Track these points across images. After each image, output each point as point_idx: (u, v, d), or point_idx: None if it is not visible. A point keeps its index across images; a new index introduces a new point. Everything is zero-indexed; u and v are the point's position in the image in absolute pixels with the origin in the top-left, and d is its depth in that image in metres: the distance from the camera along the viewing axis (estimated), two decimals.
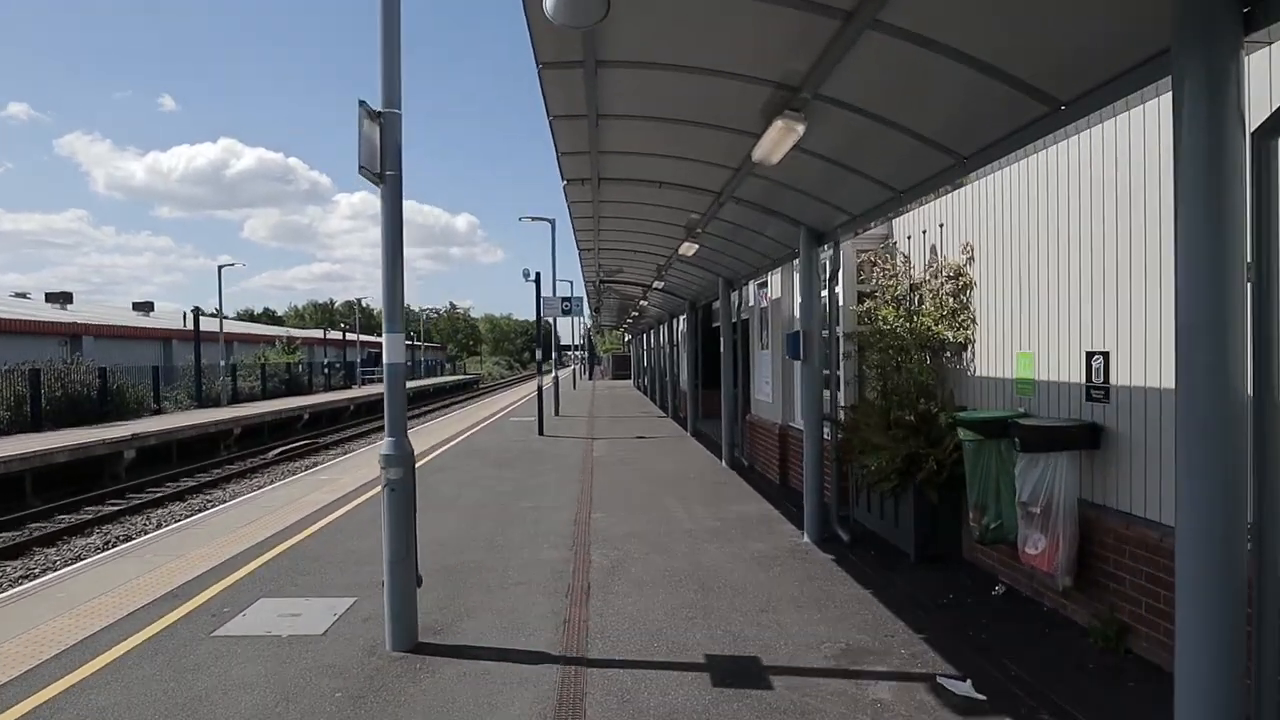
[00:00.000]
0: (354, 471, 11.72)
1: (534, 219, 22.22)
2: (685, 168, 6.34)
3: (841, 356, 7.36)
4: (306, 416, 29.14)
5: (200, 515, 9.17)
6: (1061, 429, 4.48)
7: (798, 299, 9.68)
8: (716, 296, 14.17)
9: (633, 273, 14.67)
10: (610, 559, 6.49)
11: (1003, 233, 5.68)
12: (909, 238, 7.29)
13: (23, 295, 57.62)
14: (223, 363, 29.33)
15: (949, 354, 6.53)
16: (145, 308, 52.02)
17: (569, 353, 61.59)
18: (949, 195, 6.43)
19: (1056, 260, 4.99)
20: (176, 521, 10.34)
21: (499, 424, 19.91)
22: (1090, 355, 4.61)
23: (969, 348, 6.23)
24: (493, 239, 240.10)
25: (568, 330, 56.07)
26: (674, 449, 13.97)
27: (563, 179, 7.07)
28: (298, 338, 48.33)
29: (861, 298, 7.84)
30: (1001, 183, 5.68)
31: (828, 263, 7.19)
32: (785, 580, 5.79)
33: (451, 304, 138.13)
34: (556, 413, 21.62)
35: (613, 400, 29.39)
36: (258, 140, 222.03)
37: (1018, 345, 5.49)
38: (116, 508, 12.70)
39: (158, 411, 26.16)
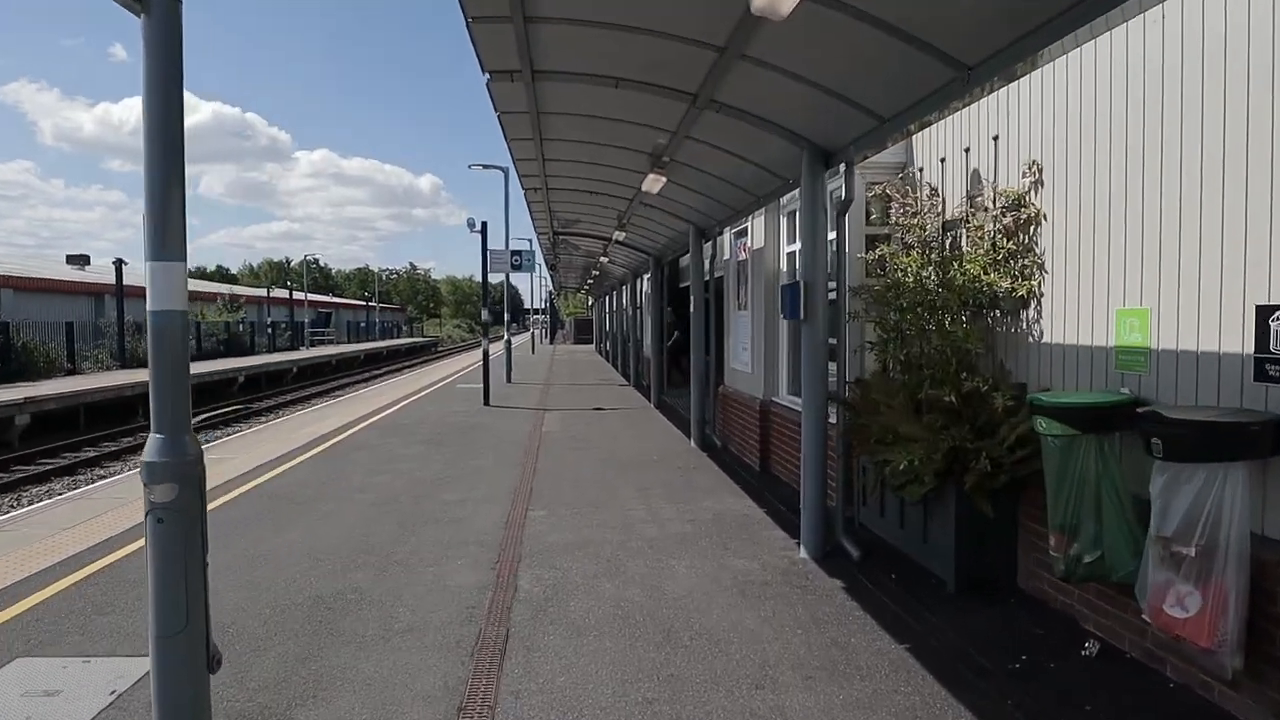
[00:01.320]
0: (257, 448, 9.83)
1: (485, 167, 20.08)
2: (652, 49, 4.51)
3: (848, 317, 5.69)
4: (242, 379, 26.82)
5: (20, 512, 7.21)
6: (1237, 427, 2.86)
7: (786, 247, 7.99)
8: (685, 251, 12.40)
9: (591, 223, 12.81)
10: (544, 585, 4.80)
11: (1094, 141, 4.00)
12: (942, 160, 5.60)
13: None
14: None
15: (1000, 312, 4.89)
16: (80, 261, 48.30)
17: (533, 316, 59.41)
18: (1005, 94, 4.73)
19: (1197, 173, 3.33)
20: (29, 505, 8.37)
21: (445, 390, 18.02)
22: (1267, 311, 2.99)
23: (1032, 304, 4.60)
24: (457, 200, 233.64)
25: (533, 294, 53.84)
26: (636, 424, 12.29)
27: (483, 71, 5.19)
28: (241, 296, 45.27)
29: (871, 244, 6.15)
30: (1091, 68, 3.98)
31: (841, 192, 5.46)
32: (783, 625, 4.16)
33: (412, 265, 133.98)
34: (509, 379, 19.78)
35: (572, 366, 27.60)
36: (214, 94, 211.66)
37: (1117, 298, 3.86)
38: None
39: (72, 372, 23.68)
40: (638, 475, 8.16)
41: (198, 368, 26.43)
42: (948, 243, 5.40)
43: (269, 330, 39.64)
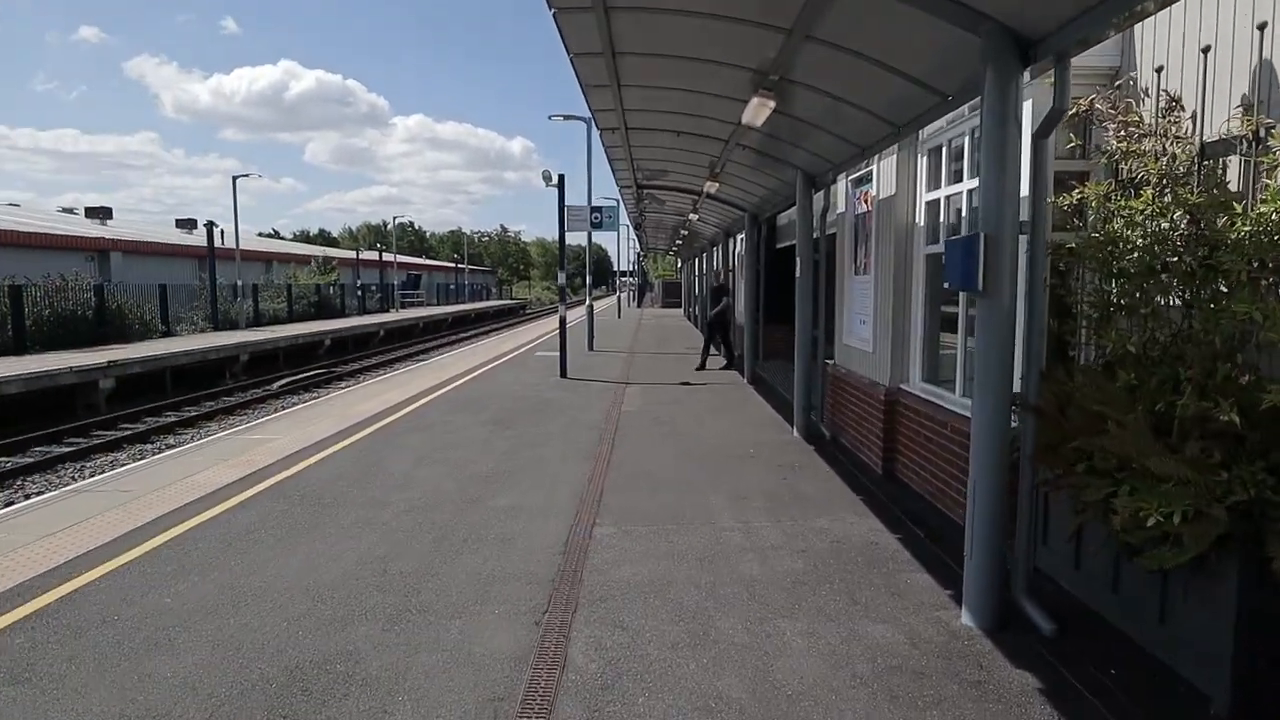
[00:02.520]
0: (310, 425, 8.97)
1: (566, 118, 18.69)
2: None
3: (1043, 283, 3.96)
4: (328, 342, 26.95)
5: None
6: None
7: (926, 193, 6.23)
8: (786, 205, 10.68)
9: (679, 174, 11.24)
10: (603, 659, 3.47)
11: None
12: (1205, 50, 3.77)
13: (69, 210, 57.11)
14: (239, 283, 27.11)
15: None
16: (188, 225, 50.51)
17: (622, 279, 58.33)
18: None
19: None
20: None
21: (524, 358, 17.03)
22: None
23: None
24: (548, 162, 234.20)
25: (619, 255, 52.62)
26: (727, 403, 10.80)
27: (550, 7, 3.81)
28: (334, 259, 46.17)
29: (1060, 185, 4.38)
30: None
31: (1038, 103, 3.73)
32: None
33: (503, 227, 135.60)
34: (590, 347, 18.61)
35: (659, 333, 26.22)
36: (316, 62, 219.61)
37: None
38: (29, 460, 10.27)
39: (167, 334, 24.25)
40: (731, 476, 6.72)
41: (286, 330, 26.75)
42: (1199, 175, 3.61)
43: (359, 293, 40.11)
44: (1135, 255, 3.72)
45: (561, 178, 13.04)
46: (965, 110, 5.31)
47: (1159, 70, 3.98)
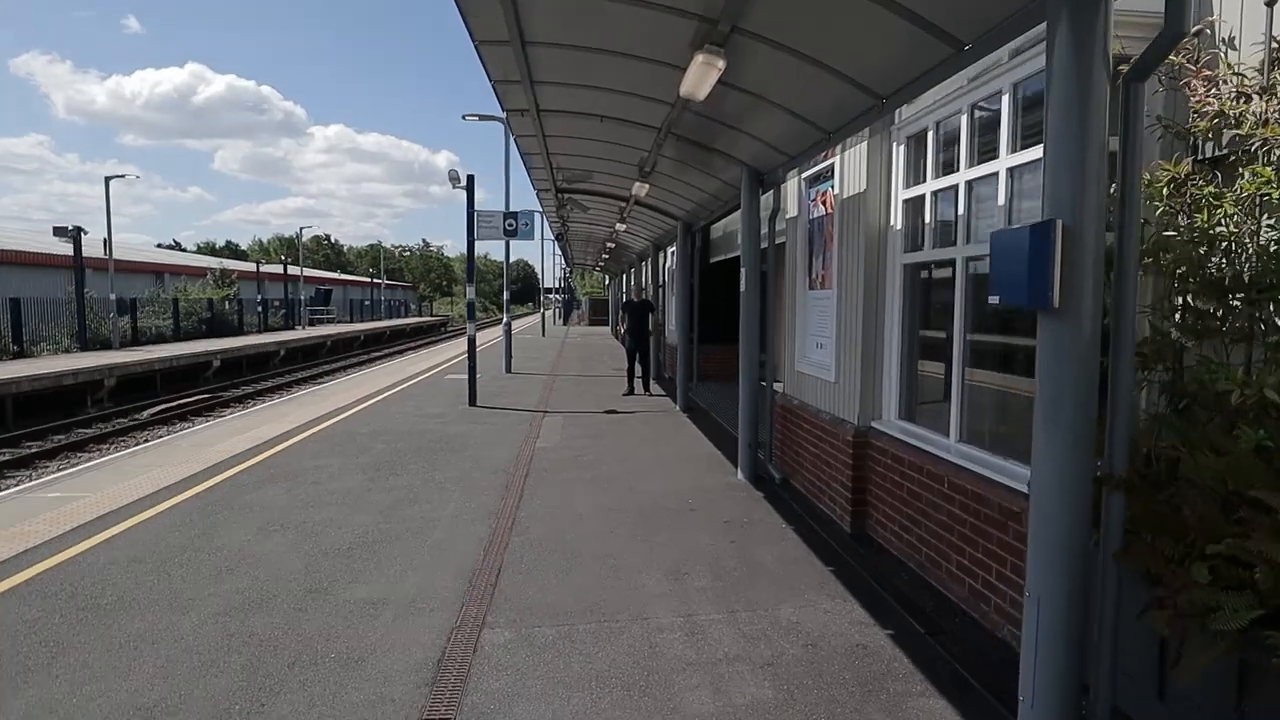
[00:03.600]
0: (139, 475, 7.10)
1: (482, 118, 17.16)
2: None
3: (1134, 294, 2.76)
4: (217, 363, 24.32)
5: None
6: None
7: (904, 190, 5.07)
8: (720, 215, 9.51)
9: (605, 176, 9.92)
10: None
11: None
12: None
13: None
14: (112, 296, 24.15)
15: None
16: (65, 233, 45.96)
17: (550, 296, 56.64)
18: None
19: None
20: None
21: (432, 382, 15.27)
22: None
23: None
24: (476, 178, 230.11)
25: (544, 272, 51.10)
26: (659, 436, 9.46)
27: None
28: (233, 271, 42.72)
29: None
30: None
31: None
32: None
33: (425, 242, 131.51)
34: (507, 369, 17.00)
35: (584, 352, 24.77)
36: (228, 67, 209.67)
37: None
38: None
39: (20, 354, 21.21)
40: (668, 540, 5.34)
41: (168, 350, 23.99)
42: None
43: (259, 308, 37.10)
44: (1254, 257, 2.57)
45: (471, 178, 11.52)
46: (966, 80, 4.16)
47: (1273, 3, 2.87)
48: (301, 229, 54.82)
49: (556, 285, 59.10)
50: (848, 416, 5.67)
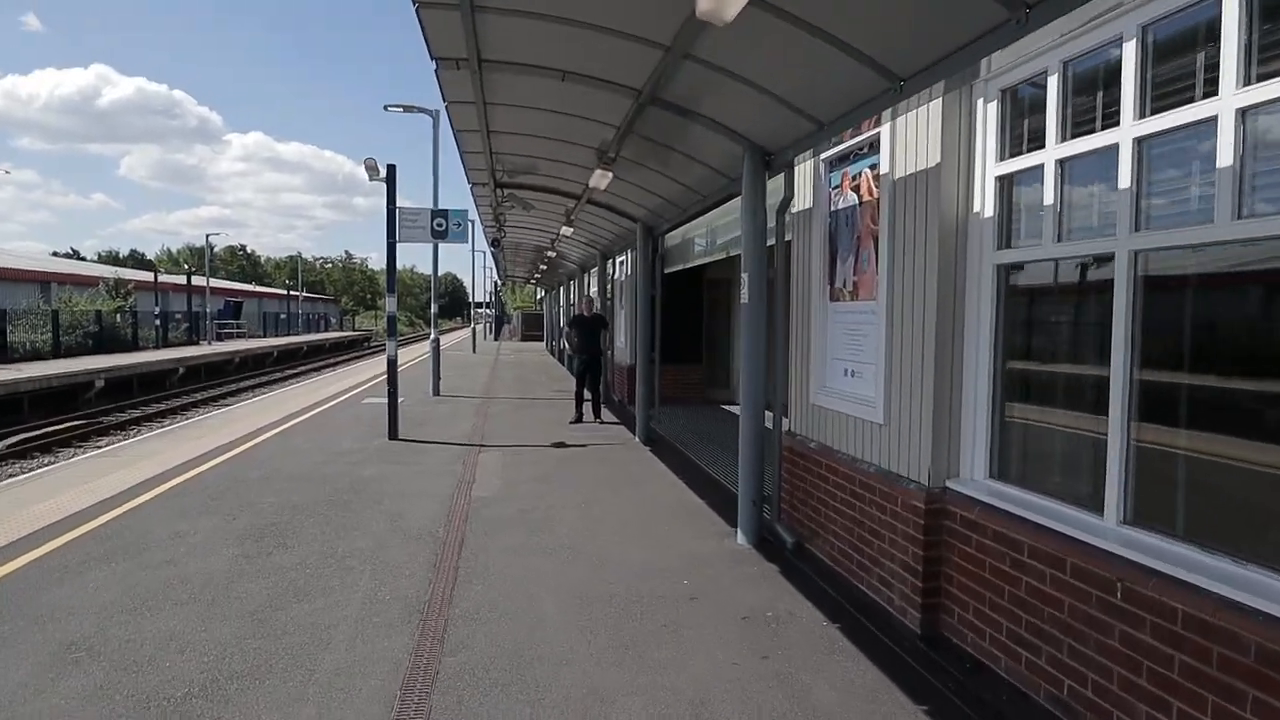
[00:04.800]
0: None
1: (406, 109, 15.23)
2: None
3: None
4: (101, 384, 21.35)
5: None
6: None
7: (994, 165, 3.62)
8: (688, 216, 8.01)
9: (555, 165, 8.29)
10: None
11: None
12: None
13: None
14: None
15: None
16: None
17: (480, 310, 54.14)
18: None
19: None
20: None
21: (349, 406, 13.18)
22: None
23: None
24: (402, 190, 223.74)
25: (479, 286, 48.76)
26: (624, 478, 7.81)
27: None
28: (130, 281, 38.80)
29: None
30: None
31: None
32: None
33: (347, 253, 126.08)
34: (436, 391, 15.04)
35: (520, 370, 22.89)
36: (137, 69, 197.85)
37: None
38: None
39: None
40: (670, 659, 3.70)
41: (43, 368, 20.91)
42: None
43: (158, 322, 33.63)
44: None
45: (392, 169, 9.67)
46: None
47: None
48: (209, 236, 50.87)
49: (487, 299, 56.75)
50: (909, 472, 4.18)
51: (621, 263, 14.88)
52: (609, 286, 14.55)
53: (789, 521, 5.68)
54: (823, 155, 5.24)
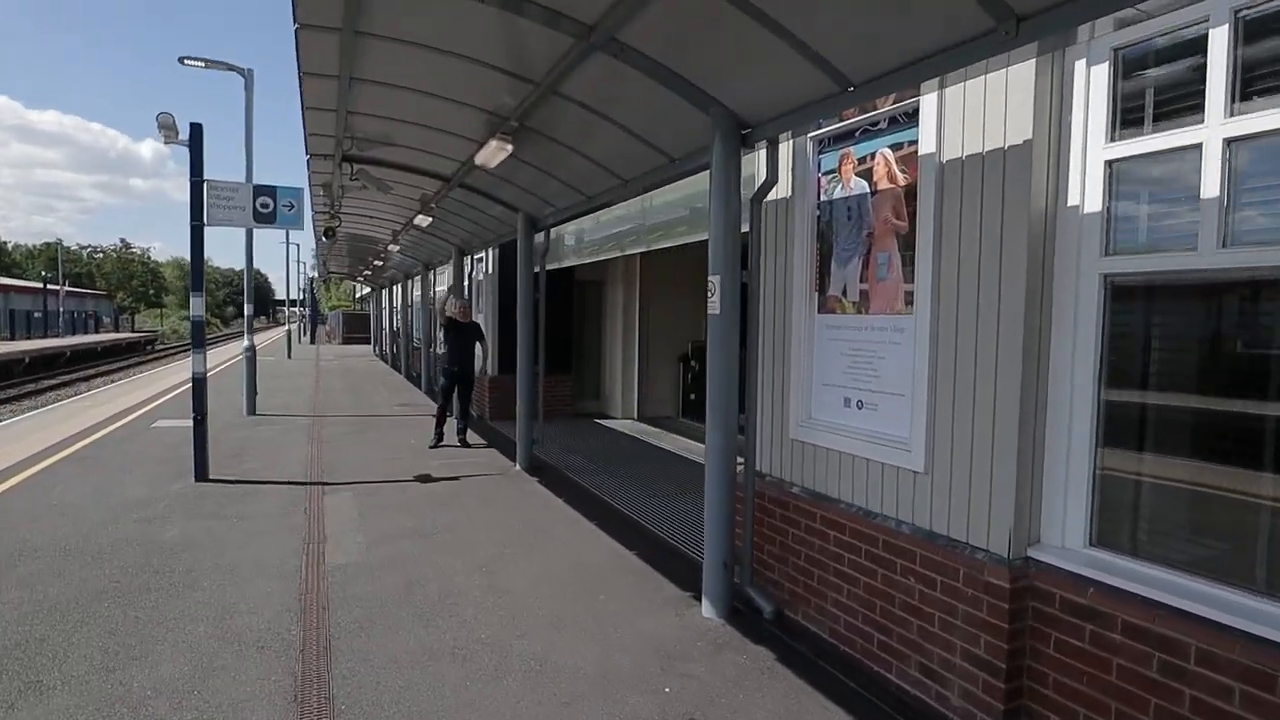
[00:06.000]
0: None
1: (209, 63, 12.39)
2: None
3: None
4: None
5: None
6: None
7: (1103, 148, 2.69)
8: (590, 206, 6.77)
9: (422, 138, 6.68)
10: None
11: None
12: None
13: None
14: None
15: None
16: None
17: (294, 309, 48.45)
18: None
19: None
20: None
21: (138, 430, 10.39)
22: None
23: None
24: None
25: (294, 281, 43.70)
26: (524, 529, 6.38)
27: None
28: None
29: None
30: None
31: None
32: None
33: (124, 242, 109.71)
34: (252, 410, 12.50)
35: (350, 379, 20.26)
36: None
37: None
38: None
39: None
40: None
41: None
42: None
43: None
44: None
45: (197, 129, 7.44)
46: None
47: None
48: None
49: (300, 296, 51.33)
50: (971, 537, 3.25)
51: (480, 260, 13.22)
52: (466, 287, 12.82)
53: (763, 583, 4.61)
54: (813, 135, 4.22)
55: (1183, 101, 2.71)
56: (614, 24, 3.71)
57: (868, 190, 3.89)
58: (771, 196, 4.43)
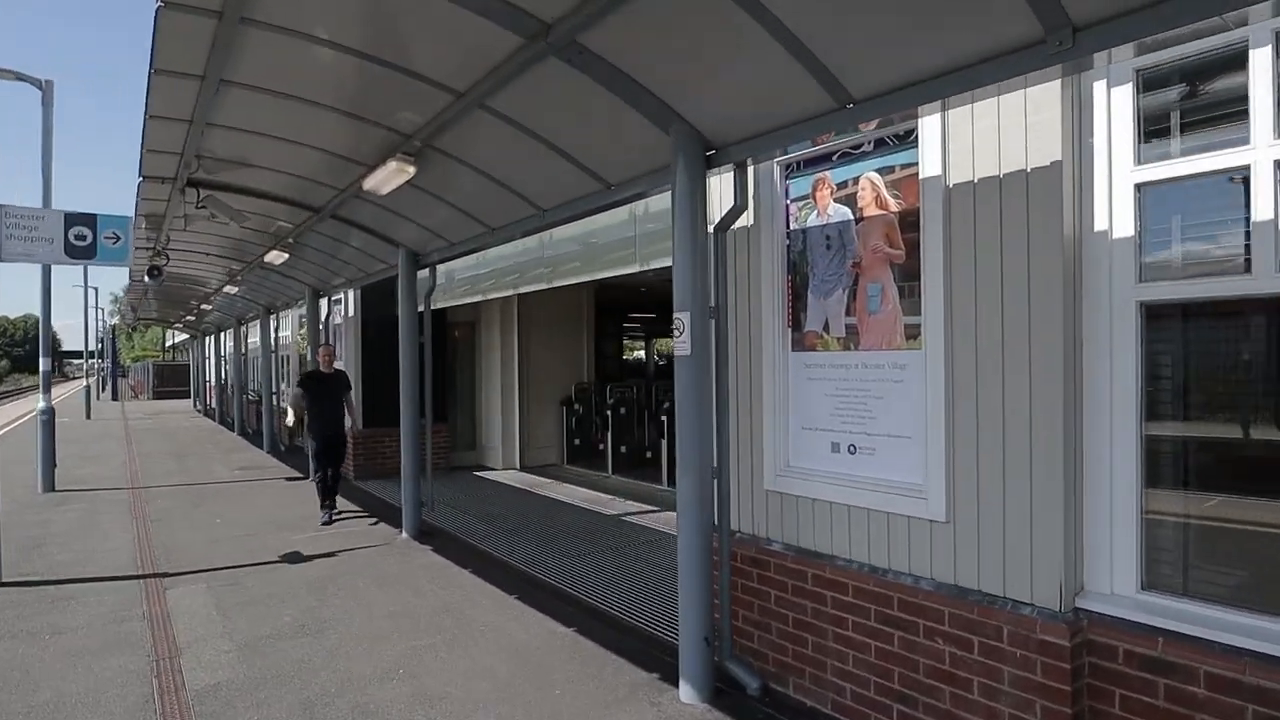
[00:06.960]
0: None
1: None
2: None
3: None
4: None
5: None
6: None
7: (1133, 170, 2.67)
8: (476, 241, 6.14)
9: (294, 163, 5.76)
10: None
11: None
12: None
13: None
14: None
15: None
16: None
17: (88, 361, 41.99)
18: None
19: None
20: None
21: None
22: None
23: None
24: None
25: (93, 329, 38.26)
26: (441, 621, 5.45)
27: None
28: None
29: None
30: None
31: None
32: None
33: None
34: (50, 485, 10.31)
35: (172, 442, 17.60)
36: None
37: None
38: None
39: None
40: None
41: None
42: None
43: None
44: None
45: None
46: None
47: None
48: None
49: (99, 346, 44.95)
50: (1011, 590, 2.95)
51: (338, 302, 11.92)
52: (322, 331, 11.45)
53: (742, 654, 4.11)
54: (779, 159, 3.91)
55: (1217, 124, 2.62)
56: (579, 24, 3.19)
57: (851, 217, 3.61)
58: (738, 224, 4.06)
